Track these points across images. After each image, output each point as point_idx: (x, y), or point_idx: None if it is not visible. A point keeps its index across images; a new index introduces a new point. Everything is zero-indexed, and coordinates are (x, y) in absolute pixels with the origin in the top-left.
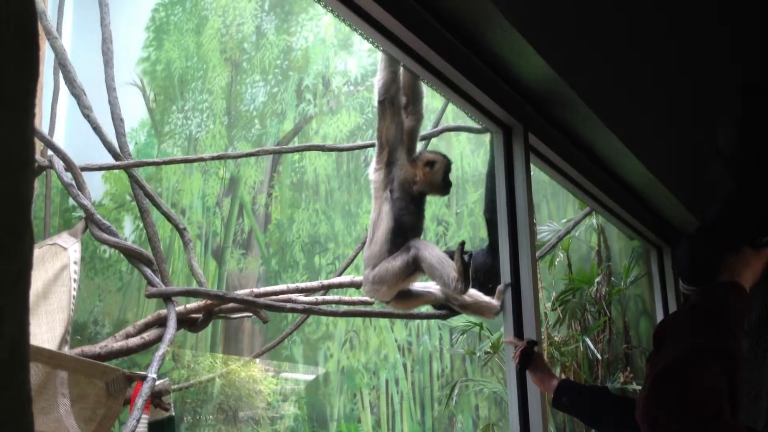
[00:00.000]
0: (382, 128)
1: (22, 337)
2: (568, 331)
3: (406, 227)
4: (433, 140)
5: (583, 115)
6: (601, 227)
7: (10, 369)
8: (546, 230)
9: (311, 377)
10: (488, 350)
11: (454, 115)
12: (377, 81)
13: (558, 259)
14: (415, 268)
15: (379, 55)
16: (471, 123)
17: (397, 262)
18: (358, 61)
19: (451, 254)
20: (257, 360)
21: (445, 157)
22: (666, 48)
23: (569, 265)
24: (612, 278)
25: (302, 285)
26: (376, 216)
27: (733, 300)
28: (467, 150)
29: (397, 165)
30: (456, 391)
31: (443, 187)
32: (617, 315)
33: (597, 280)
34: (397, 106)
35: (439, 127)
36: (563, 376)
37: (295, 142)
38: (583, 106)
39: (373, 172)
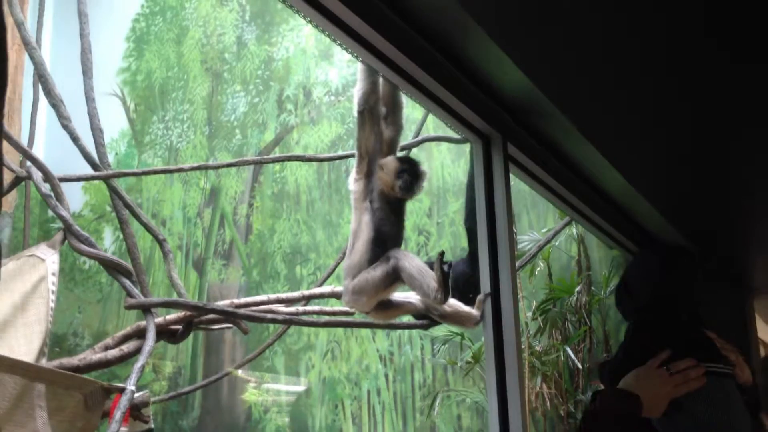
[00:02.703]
0: (362, 138)
1: None
2: (549, 340)
3: (386, 237)
4: (414, 150)
5: (561, 125)
6: (581, 237)
7: None
8: (526, 240)
9: (293, 388)
10: (470, 360)
11: (435, 125)
12: (356, 91)
13: (538, 269)
14: (395, 278)
15: (358, 66)
16: (451, 133)
17: (377, 272)
18: (338, 71)
19: (431, 265)
20: (239, 371)
21: (396, 159)
22: (646, 59)
23: (549, 274)
24: (592, 287)
25: (283, 296)
26: (356, 226)
27: (629, 405)
28: (448, 160)
29: (376, 175)
30: (438, 402)
31: (400, 187)
32: (597, 324)
33: (577, 289)
34: (377, 117)
35: (419, 138)
36: (544, 386)
37: (276, 153)
38: (561, 116)
39: (352, 183)
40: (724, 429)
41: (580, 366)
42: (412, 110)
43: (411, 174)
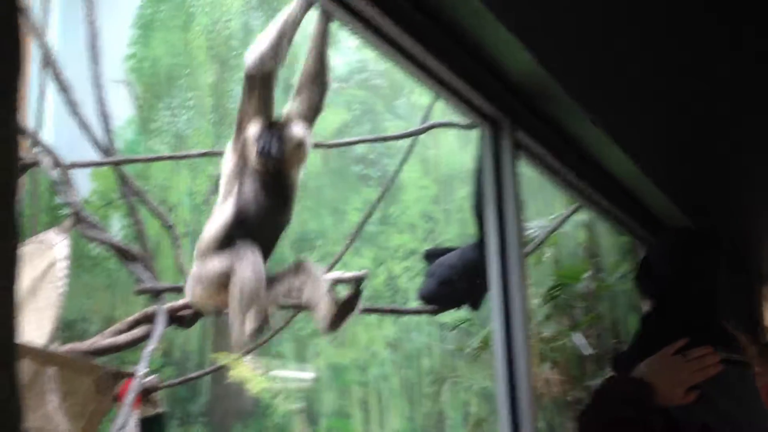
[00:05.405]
0: (246, 108)
1: (10, 331)
2: (557, 327)
3: (248, 219)
4: (421, 137)
5: (569, 109)
6: (589, 223)
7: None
8: (534, 227)
9: (300, 375)
10: (477, 346)
11: (442, 112)
12: (254, 50)
13: (546, 256)
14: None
15: (273, 26)
16: (459, 120)
17: (214, 264)
18: (344, 58)
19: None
20: (247, 357)
21: (261, 123)
22: (657, 43)
23: (557, 261)
24: (600, 274)
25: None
26: (218, 206)
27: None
28: (455, 146)
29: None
30: (445, 387)
31: (257, 153)
32: (606, 311)
33: (585, 276)
34: (270, 85)
35: (426, 124)
36: (552, 372)
37: None
38: (570, 101)
39: (225, 160)
40: (742, 417)
41: (589, 352)
42: (418, 97)
43: (272, 137)
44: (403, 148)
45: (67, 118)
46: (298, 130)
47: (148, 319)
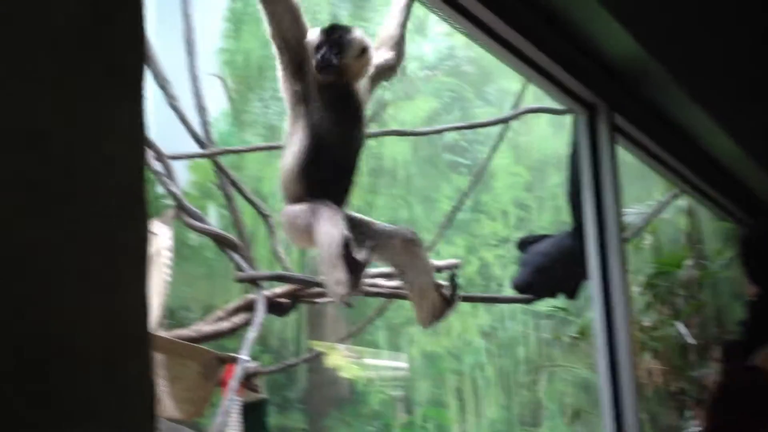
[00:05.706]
0: (272, 23)
1: (143, 319)
2: (658, 315)
3: (327, 139)
4: (512, 123)
5: (671, 93)
6: (691, 209)
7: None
8: (632, 213)
9: (394, 364)
10: (576, 335)
11: (534, 96)
12: None
13: (645, 243)
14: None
15: None
16: (551, 104)
17: (300, 219)
18: (433, 45)
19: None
20: (341, 345)
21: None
22: (756, 20)
23: (658, 248)
24: (703, 261)
25: (386, 270)
26: (289, 131)
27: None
28: (548, 132)
29: (311, 72)
30: (542, 377)
31: (316, 65)
32: (709, 299)
33: (687, 263)
34: None
35: (518, 110)
36: (657, 361)
37: (372, 128)
38: (672, 82)
39: (282, 89)
40: None
41: (692, 342)
42: (508, 83)
43: (331, 45)
44: (494, 135)
45: (162, 111)
46: (359, 35)
47: (248, 306)
